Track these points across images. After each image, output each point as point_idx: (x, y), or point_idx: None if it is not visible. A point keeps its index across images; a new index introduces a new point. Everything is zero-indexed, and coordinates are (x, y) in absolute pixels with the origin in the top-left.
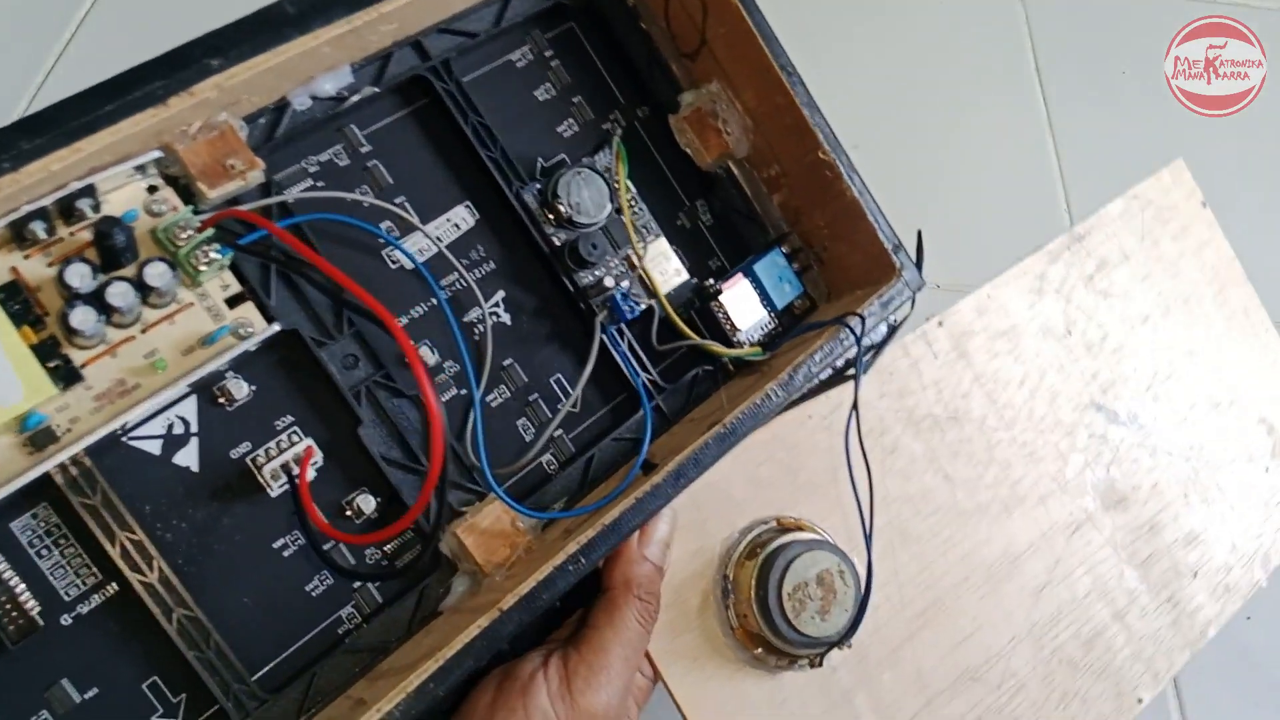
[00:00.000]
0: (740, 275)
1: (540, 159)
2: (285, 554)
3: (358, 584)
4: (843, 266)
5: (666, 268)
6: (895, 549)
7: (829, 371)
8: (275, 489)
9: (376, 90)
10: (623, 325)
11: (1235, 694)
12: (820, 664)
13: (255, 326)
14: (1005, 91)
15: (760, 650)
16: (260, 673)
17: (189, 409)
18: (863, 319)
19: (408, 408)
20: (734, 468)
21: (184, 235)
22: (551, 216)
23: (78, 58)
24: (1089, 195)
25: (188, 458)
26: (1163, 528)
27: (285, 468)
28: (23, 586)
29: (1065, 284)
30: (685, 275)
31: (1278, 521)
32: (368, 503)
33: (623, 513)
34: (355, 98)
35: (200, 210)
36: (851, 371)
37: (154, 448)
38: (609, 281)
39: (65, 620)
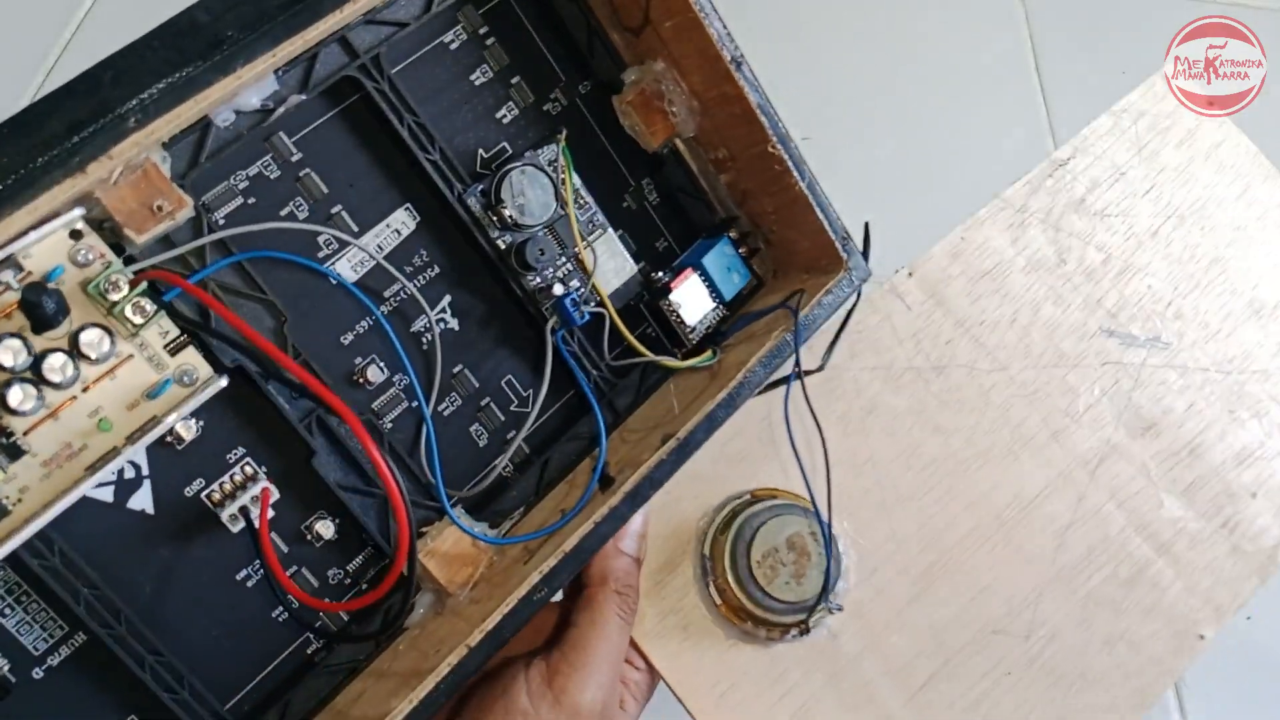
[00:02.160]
0: (689, 270)
1: (481, 150)
2: (249, 584)
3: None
4: (790, 251)
5: (614, 264)
6: (889, 509)
7: (772, 373)
8: (232, 524)
9: (304, 98)
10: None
11: (1235, 694)
12: (807, 630)
13: (199, 373)
14: (1005, 91)
15: (748, 624)
16: (233, 701)
17: (138, 452)
18: (800, 296)
19: (364, 427)
20: (704, 447)
21: (115, 290)
22: (496, 219)
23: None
24: None
25: (142, 501)
26: (1206, 449)
27: (243, 511)
28: None
29: (1052, 212)
30: (633, 267)
31: None
32: (326, 528)
33: (582, 539)
34: (282, 109)
35: (130, 257)
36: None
37: (106, 495)
38: (558, 289)
39: (37, 674)
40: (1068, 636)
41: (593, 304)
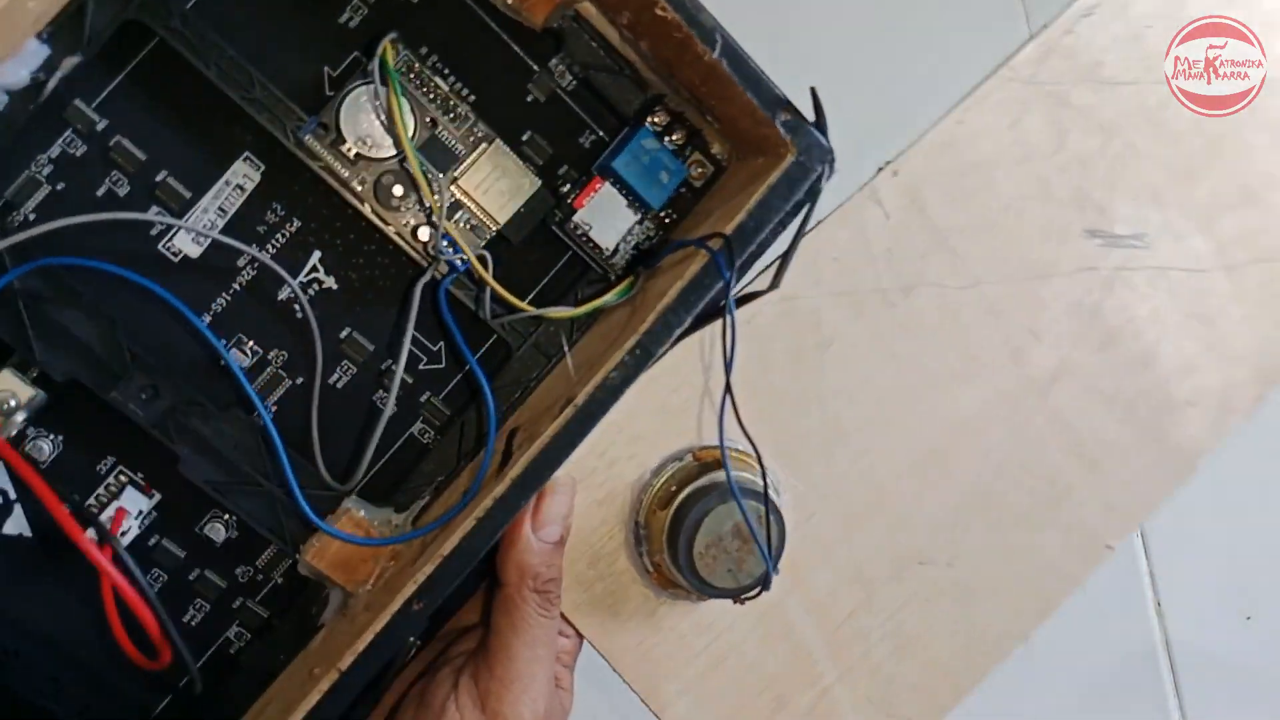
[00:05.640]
0: (597, 178)
1: (327, 68)
2: (155, 589)
3: (236, 604)
4: (736, 130)
5: (507, 183)
6: (831, 448)
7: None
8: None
9: (80, 59)
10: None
11: (1235, 694)
12: (743, 604)
13: (19, 396)
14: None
15: (679, 590)
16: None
17: (0, 477)
18: (729, 245)
19: (232, 419)
20: (640, 400)
21: None
22: (343, 158)
23: None
24: None
25: (17, 525)
26: (1157, 359)
27: (100, 533)
28: None
29: (1062, 83)
30: (534, 183)
31: None
32: (218, 530)
33: (461, 541)
34: (59, 75)
35: None
36: (747, 291)
37: None
38: (424, 233)
39: None
40: (986, 559)
41: (485, 233)
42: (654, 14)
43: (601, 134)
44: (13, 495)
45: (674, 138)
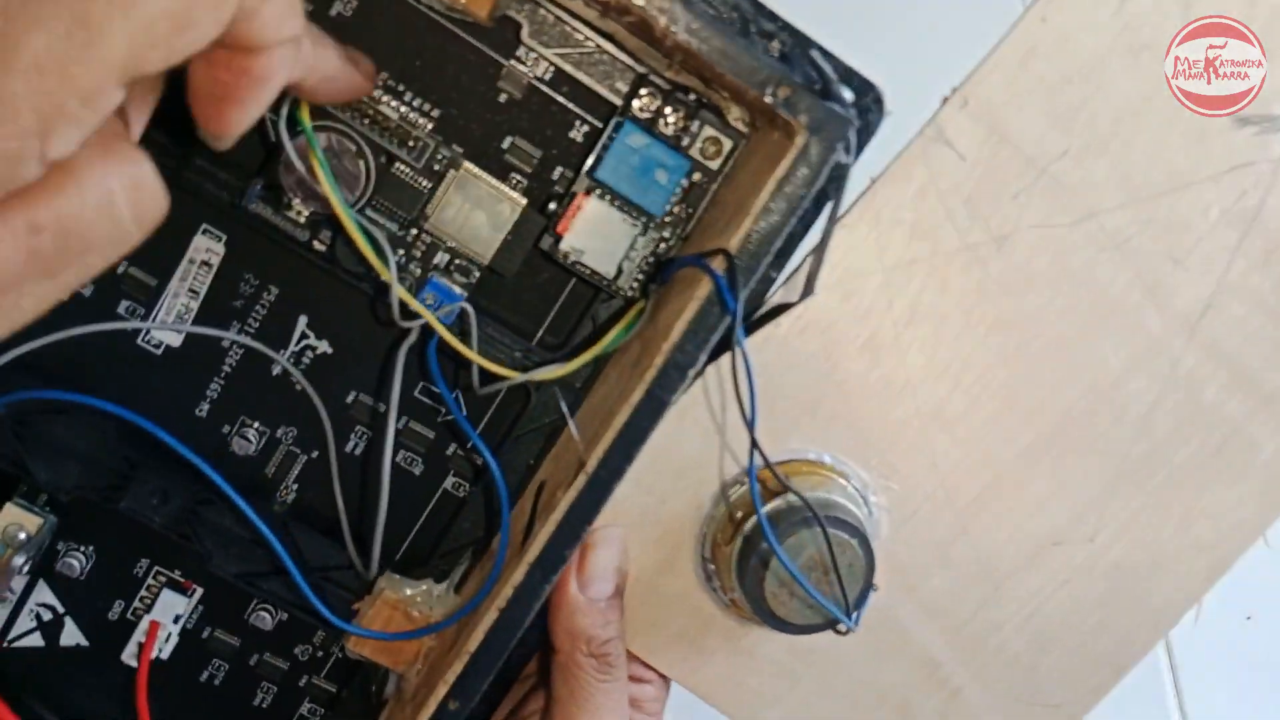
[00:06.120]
0: (582, 195)
1: (268, 115)
2: (216, 681)
3: (303, 682)
4: (746, 99)
5: (484, 214)
6: (931, 439)
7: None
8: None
9: None
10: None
11: (1235, 694)
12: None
13: (28, 527)
14: None
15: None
16: None
17: (45, 595)
18: (733, 265)
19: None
20: (684, 426)
21: None
22: (293, 221)
23: None
24: None
25: (72, 636)
26: None
27: (140, 648)
28: None
29: None
30: (517, 205)
31: None
32: (263, 619)
33: (488, 635)
34: None
35: None
36: (772, 305)
37: (36, 641)
38: (394, 295)
39: None
40: (1138, 529)
41: (472, 272)
42: None
43: (594, 121)
44: (60, 609)
45: (668, 121)
